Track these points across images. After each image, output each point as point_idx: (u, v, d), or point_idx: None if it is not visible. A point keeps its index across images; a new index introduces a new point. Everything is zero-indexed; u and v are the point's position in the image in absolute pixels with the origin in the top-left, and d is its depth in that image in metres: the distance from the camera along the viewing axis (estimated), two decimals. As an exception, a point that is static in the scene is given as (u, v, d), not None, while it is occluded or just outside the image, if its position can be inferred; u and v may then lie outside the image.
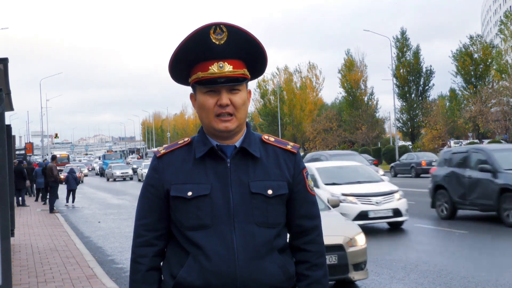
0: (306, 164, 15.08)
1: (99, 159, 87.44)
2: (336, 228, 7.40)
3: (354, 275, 7.24)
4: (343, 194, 12.13)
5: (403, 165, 36.45)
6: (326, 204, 8.52)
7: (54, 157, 23.36)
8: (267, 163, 2.23)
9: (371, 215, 12.10)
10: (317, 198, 8.31)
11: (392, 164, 39.11)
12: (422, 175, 33.43)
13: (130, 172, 49.92)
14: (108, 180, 49.32)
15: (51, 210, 20.09)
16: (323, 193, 11.71)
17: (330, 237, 6.87)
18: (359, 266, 7.29)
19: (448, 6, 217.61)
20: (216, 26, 2.14)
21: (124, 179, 48.47)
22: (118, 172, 49.02)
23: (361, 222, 11.18)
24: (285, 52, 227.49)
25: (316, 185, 12.52)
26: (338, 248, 7.14)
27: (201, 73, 2.18)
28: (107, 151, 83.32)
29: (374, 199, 12.23)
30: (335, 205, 8.95)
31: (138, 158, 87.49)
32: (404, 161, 36.74)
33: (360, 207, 12.07)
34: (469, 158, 13.73)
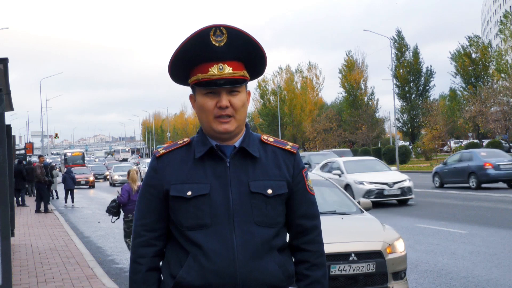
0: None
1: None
2: (372, 233, 6.79)
3: (393, 285, 6.46)
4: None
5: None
6: (358, 207, 7.77)
7: (40, 156, 23.31)
8: (266, 163, 2.24)
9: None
10: (349, 201, 7.70)
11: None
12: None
13: None
14: None
15: (45, 210, 19.98)
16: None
17: (367, 242, 6.53)
18: (399, 275, 6.57)
19: (452, 7, 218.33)
20: (216, 28, 2.15)
21: None
22: None
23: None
24: (294, 52, 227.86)
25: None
26: (376, 255, 6.42)
27: (200, 74, 2.18)
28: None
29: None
30: (368, 207, 8.06)
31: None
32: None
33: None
34: None
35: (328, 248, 6.28)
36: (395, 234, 6.94)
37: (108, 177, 45.08)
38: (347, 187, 17.38)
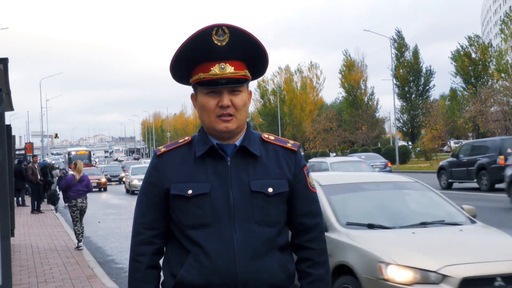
0: None
1: None
2: (505, 249, 5.36)
3: None
4: None
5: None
6: (466, 215, 6.19)
7: (34, 156, 23.18)
8: (267, 161, 2.24)
9: None
10: (451, 207, 6.34)
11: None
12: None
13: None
14: None
15: (32, 210, 19.75)
16: None
17: (503, 262, 5.04)
18: None
19: (453, 7, 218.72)
20: (218, 28, 2.15)
21: None
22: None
23: None
24: (297, 52, 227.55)
25: None
26: None
27: (202, 74, 2.19)
28: None
29: None
30: (474, 215, 6.44)
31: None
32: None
33: None
34: None
35: (466, 271, 4.83)
36: None
37: (124, 180, 35.70)
38: None
